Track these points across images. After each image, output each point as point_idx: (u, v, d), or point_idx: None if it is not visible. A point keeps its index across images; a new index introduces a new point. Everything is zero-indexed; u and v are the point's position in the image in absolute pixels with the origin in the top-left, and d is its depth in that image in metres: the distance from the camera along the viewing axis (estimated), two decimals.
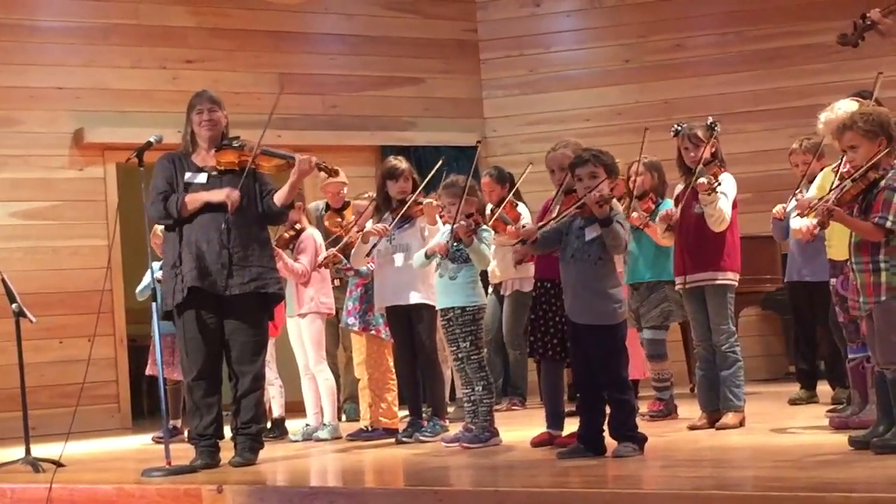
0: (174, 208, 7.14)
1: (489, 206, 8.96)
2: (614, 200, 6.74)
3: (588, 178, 6.62)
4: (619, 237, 6.59)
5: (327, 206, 10.05)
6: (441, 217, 7.84)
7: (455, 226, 7.44)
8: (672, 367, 8.75)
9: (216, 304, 7.18)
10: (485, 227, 7.64)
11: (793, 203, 8.53)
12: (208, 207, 7.16)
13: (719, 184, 7.44)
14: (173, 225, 7.22)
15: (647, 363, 8.64)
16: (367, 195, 8.90)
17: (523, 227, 8.68)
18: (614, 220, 6.56)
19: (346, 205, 9.82)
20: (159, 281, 7.55)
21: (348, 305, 8.71)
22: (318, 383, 8.74)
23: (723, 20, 12.51)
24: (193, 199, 7.15)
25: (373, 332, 8.57)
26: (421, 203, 8.02)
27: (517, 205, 9.55)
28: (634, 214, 8.21)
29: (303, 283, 8.64)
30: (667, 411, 8.47)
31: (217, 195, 7.12)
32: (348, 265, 8.62)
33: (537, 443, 7.29)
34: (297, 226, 8.76)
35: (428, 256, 7.65)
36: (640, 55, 12.68)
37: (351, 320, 8.66)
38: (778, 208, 8.65)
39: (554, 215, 7.04)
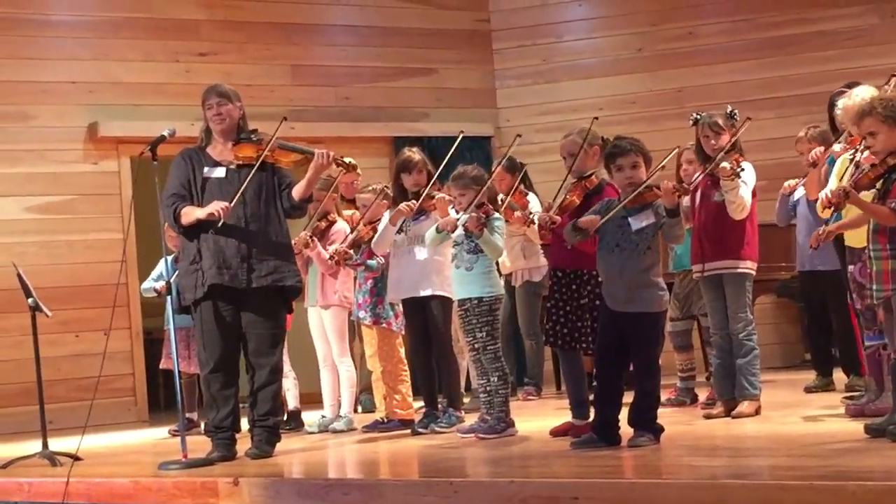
0: (171, 219, 7.26)
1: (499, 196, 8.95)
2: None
3: (630, 167, 6.62)
4: (683, 227, 6.67)
5: (341, 197, 10.03)
6: (455, 208, 7.82)
7: (465, 218, 7.44)
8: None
9: (234, 297, 7.22)
10: (497, 215, 7.62)
11: (800, 191, 8.55)
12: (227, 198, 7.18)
13: (743, 169, 7.40)
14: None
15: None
16: (371, 188, 8.87)
17: (531, 214, 8.71)
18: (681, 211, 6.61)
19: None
20: (168, 284, 7.56)
21: (358, 299, 8.71)
22: (340, 374, 8.75)
23: (734, 8, 12.46)
24: (186, 214, 7.22)
25: (384, 324, 8.58)
26: (434, 197, 8.01)
27: (527, 193, 9.62)
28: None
29: (331, 273, 8.65)
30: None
31: (206, 210, 7.15)
32: (357, 261, 8.62)
33: (558, 433, 7.26)
34: (330, 216, 8.80)
35: (439, 231, 7.63)
36: (652, 43, 12.66)
37: (362, 314, 8.67)
38: (789, 182, 8.66)
39: (558, 202, 7.16)
